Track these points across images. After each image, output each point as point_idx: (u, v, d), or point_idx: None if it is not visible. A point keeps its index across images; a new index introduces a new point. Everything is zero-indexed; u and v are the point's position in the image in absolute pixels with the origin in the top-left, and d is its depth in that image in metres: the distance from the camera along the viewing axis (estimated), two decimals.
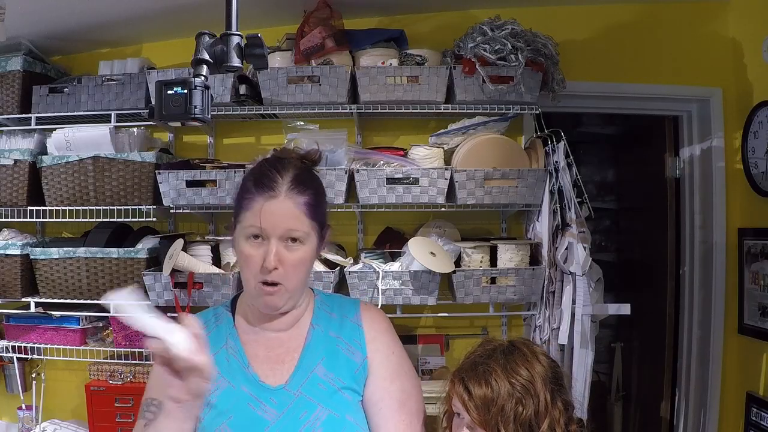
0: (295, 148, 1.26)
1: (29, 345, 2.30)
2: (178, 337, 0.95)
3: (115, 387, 2.23)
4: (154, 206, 2.21)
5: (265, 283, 1.15)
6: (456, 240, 2.33)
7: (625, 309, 2.29)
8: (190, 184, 2.14)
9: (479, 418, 1.17)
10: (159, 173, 2.15)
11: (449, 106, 2.25)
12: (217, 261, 2.25)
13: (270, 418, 1.15)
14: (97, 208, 2.22)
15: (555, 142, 2.20)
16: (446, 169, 2.15)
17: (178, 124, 1.30)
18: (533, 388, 1.16)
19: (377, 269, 2.12)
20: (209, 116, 1.27)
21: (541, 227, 2.21)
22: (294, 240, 1.16)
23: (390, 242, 2.36)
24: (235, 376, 1.19)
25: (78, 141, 2.23)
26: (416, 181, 2.13)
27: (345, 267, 2.22)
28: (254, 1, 2.17)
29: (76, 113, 2.28)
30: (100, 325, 2.38)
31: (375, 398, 1.22)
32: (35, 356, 2.34)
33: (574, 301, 2.13)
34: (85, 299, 2.23)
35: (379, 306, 2.11)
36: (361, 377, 1.23)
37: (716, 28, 2.55)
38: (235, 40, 1.26)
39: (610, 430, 3.41)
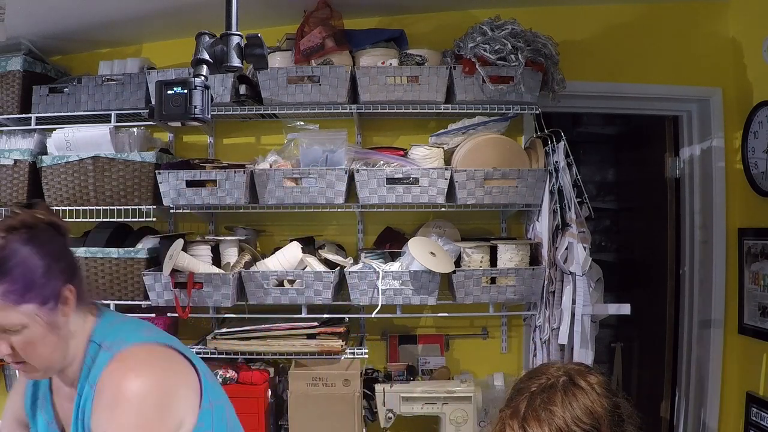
0: (13, 214, 1.11)
1: None
2: None
3: None
4: (154, 206, 2.21)
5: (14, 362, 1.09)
6: (456, 240, 2.33)
7: (625, 309, 2.28)
8: (190, 184, 2.15)
9: None
10: (159, 173, 2.15)
11: (449, 106, 2.25)
12: (217, 261, 2.25)
13: None
14: (97, 208, 2.22)
15: (555, 142, 2.20)
16: (446, 169, 2.15)
17: (178, 124, 1.30)
18: None
19: (377, 269, 2.12)
20: (209, 116, 1.27)
21: (541, 227, 2.21)
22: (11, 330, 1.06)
23: (390, 242, 2.36)
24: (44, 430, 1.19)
25: (78, 141, 2.23)
26: (416, 181, 2.13)
27: (345, 267, 2.22)
28: (254, 1, 2.17)
29: (76, 113, 2.28)
30: None
31: None
32: None
33: (574, 301, 2.13)
34: None
35: (379, 306, 2.11)
36: None
37: (716, 28, 2.55)
38: (235, 40, 1.27)
39: None
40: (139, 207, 2.21)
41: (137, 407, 1.03)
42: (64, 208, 2.23)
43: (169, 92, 1.23)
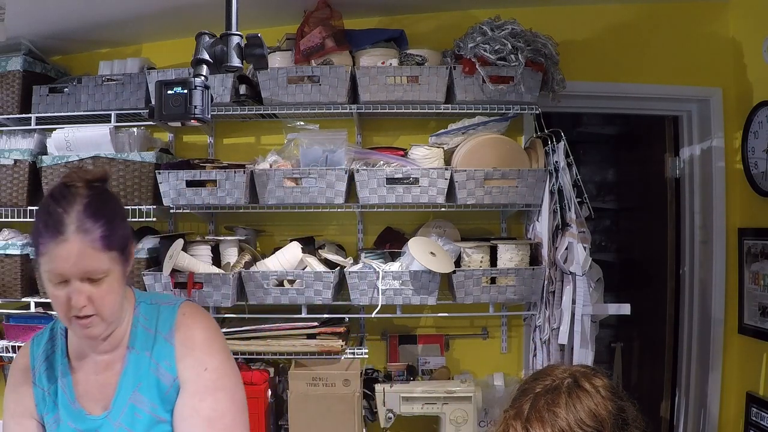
0: (83, 169, 1.16)
1: None
2: None
3: None
4: (154, 206, 2.21)
5: (78, 317, 1.11)
6: (456, 240, 2.33)
7: (625, 309, 2.29)
8: (190, 184, 2.15)
9: None
10: (159, 173, 2.15)
11: (449, 106, 2.25)
12: (217, 261, 2.25)
13: None
14: None
15: (555, 142, 2.20)
16: (446, 169, 2.15)
17: (178, 124, 1.30)
18: None
19: (377, 269, 2.12)
20: (209, 116, 1.27)
21: (541, 227, 2.21)
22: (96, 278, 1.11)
23: (390, 242, 2.36)
24: (67, 412, 1.19)
25: (78, 141, 2.23)
26: (416, 181, 2.13)
27: (345, 267, 2.22)
28: (254, 1, 2.17)
29: (76, 113, 2.28)
30: None
31: (182, 415, 1.18)
32: None
33: (574, 301, 2.13)
34: None
35: (379, 306, 2.11)
36: (173, 398, 1.19)
37: (716, 28, 2.55)
38: (235, 40, 1.27)
39: None
40: (139, 207, 2.21)
41: (221, 345, 1.25)
42: None
43: (169, 92, 1.24)
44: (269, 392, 2.24)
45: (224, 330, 2.20)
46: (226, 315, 2.29)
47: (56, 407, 1.19)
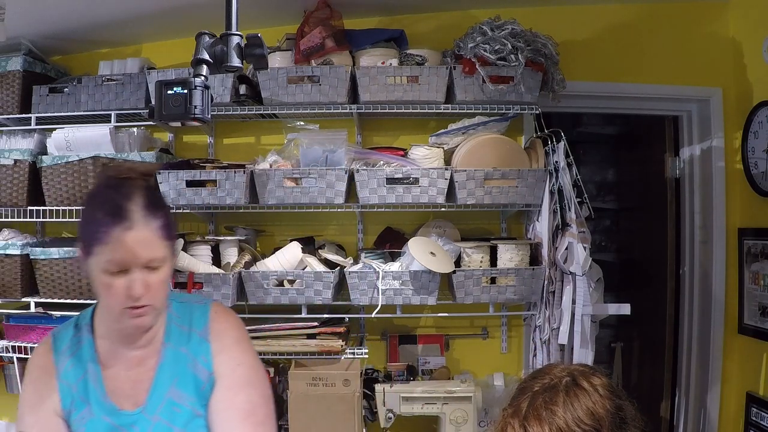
0: (132, 163, 1.19)
1: (29, 345, 2.30)
2: None
3: None
4: None
5: (133, 307, 1.13)
6: (456, 240, 2.33)
7: (625, 309, 2.29)
8: (190, 184, 2.14)
9: None
10: (159, 173, 2.15)
11: (449, 106, 2.25)
12: (217, 261, 2.25)
13: None
14: None
15: (555, 142, 2.20)
16: (446, 169, 2.15)
17: (178, 124, 1.30)
18: None
19: (377, 269, 2.12)
20: (209, 116, 1.27)
21: (541, 227, 2.21)
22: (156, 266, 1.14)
23: (390, 242, 2.36)
24: (99, 407, 1.19)
25: (78, 141, 2.23)
26: (416, 181, 2.13)
27: (345, 267, 2.22)
28: (254, 1, 2.17)
29: (76, 113, 2.28)
30: None
31: (218, 408, 1.22)
32: None
33: (574, 301, 2.13)
34: (85, 299, 2.22)
35: (379, 306, 2.11)
36: (208, 393, 1.23)
37: (716, 28, 2.55)
38: (235, 40, 1.27)
39: None
40: None
41: (250, 344, 1.31)
42: (64, 208, 2.23)
43: (169, 92, 1.23)
44: None
45: None
46: None
47: (84, 403, 1.19)
